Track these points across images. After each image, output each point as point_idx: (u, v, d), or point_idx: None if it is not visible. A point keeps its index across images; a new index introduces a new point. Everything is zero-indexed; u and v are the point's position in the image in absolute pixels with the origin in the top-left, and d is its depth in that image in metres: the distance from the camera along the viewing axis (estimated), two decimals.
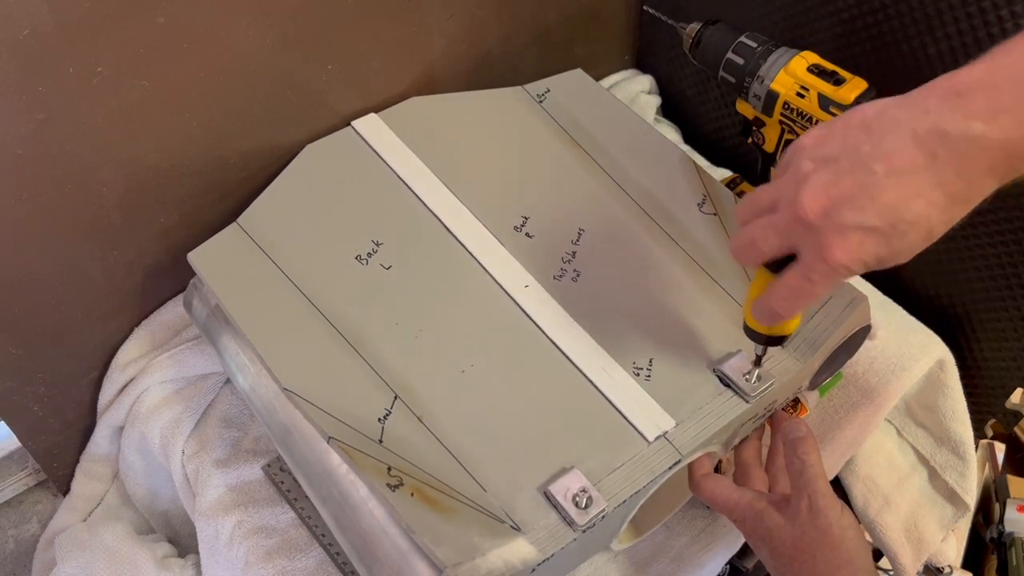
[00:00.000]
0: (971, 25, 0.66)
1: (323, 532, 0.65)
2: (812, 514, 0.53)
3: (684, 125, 0.97)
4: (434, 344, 0.61)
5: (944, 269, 0.79)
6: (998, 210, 0.73)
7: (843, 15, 0.74)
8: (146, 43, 0.58)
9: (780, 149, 0.72)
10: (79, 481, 0.75)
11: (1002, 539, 1.11)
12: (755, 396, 0.58)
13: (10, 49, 0.52)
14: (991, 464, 1.18)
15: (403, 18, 0.73)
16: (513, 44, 0.84)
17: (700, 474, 0.59)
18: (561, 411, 0.58)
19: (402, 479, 0.53)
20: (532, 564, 0.51)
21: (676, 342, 0.62)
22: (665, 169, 0.72)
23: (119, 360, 0.73)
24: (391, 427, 0.56)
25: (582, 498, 0.53)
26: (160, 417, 0.70)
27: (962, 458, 0.79)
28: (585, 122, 0.75)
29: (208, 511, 0.66)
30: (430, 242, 0.66)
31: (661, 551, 0.66)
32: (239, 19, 0.62)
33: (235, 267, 0.63)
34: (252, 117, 0.68)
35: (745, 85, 0.70)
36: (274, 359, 0.59)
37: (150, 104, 0.61)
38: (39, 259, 0.63)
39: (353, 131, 0.73)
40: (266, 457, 0.69)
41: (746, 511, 0.56)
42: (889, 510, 0.78)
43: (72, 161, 0.60)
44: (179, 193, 0.68)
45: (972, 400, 0.79)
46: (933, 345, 0.76)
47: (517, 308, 0.63)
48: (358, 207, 0.68)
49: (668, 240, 0.67)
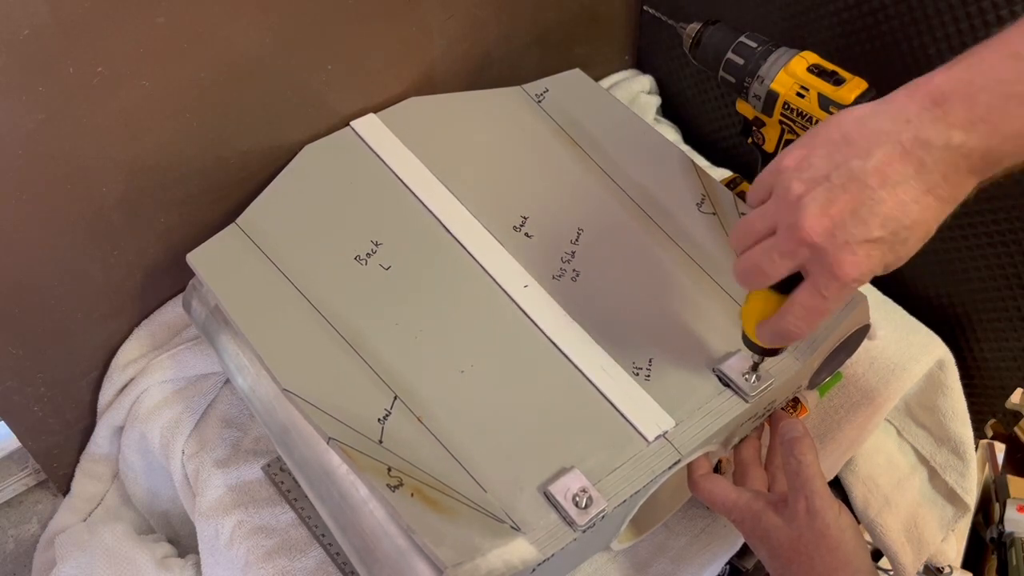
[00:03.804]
0: (971, 25, 0.66)
1: (323, 532, 0.65)
2: (809, 515, 0.53)
3: (684, 125, 0.97)
4: (434, 344, 0.61)
5: (944, 269, 0.79)
6: (998, 210, 0.73)
7: (843, 15, 0.74)
8: (146, 43, 0.58)
9: (780, 149, 0.72)
10: (79, 481, 0.75)
11: (1002, 539, 1.11)
12: (754, 396, 0.58)
13: (10, 49, 0.52)
14: (991, 464, 1.18)
15: (403, 18, 0.73)
16: (513, 44, 0.84)
17: (698, 474, 0.59)
18: (561, 411, 0.58)
19: (402, 479, 0.53)
20: (532, 564, 0.51)
21: (675, 342, 0.62)
22: (664, 169, 0.72)
23: (119, 360, 0.73)
24: (391, 427, 0.56)
25: (582, 498, 0.53)
26: (160, 417, 0.70)
27: (962, 458, 0.79)
28: (584, 122, 0.75)
29: (208, 511, 0.66)
30: (429, 242, 0.66)
31: (661, 551, 0.66)
32: (239, 19, 0.62)
33: (234, 268, 0.63)
34: (252, 117, 0.68)
35: (745, 85, 0.70)
36: (274, 359, 0.59)
37: (150, 104, 0.61)
38: (39, 259, 0.63)
39: (352, 131, 0.73)
40: (266, 457, 0.69)
41: (744, 512, 0.56)
42: (889, 510, 0.78)
43: (72, 161, 0.60)
44: (179, 193, 0.68)
45: (972, 400, 0.79)
46: (933, 345, 0.76)
47: (516, 308, 0.63)
48: (357, 207, 0.68)
49: (667, 240, 0.67)
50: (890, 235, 0.43)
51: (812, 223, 0.43)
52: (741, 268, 0.48)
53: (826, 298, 0.45)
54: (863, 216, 0.43)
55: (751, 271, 0.47)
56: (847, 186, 0.43)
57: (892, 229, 0.43)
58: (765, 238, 0.47)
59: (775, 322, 0.49)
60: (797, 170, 0.45)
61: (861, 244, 0.43)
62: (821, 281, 0.45)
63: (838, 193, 0.43)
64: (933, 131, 0.41)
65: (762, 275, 0.47)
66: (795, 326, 0.48)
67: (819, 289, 0.45)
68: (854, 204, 0.43)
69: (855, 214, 0.43)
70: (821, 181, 0.44)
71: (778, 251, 0.46)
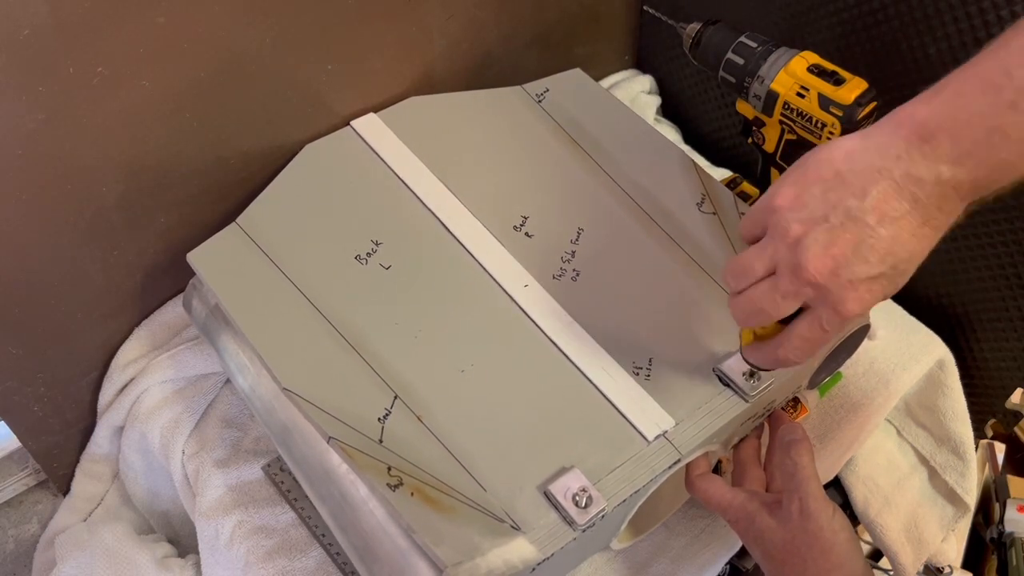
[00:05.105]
0: (971, 25, 0.66)
1: (323, 532, 0.65)
2: (803, 517, 0.53)
3: (684, 125, 0.97)
4: (434, 344, 0.61)
5: (944, 269, 0.79)
6: (998, 210, 0.73)
7: (843, 15, 0.74)
8: (146, 43, 0.58)
9: (780, 149, 0.72)
10: (79, 481, 0.75)
11: (1002, 539, 1.11)
12: (754, 395, 0.58)
13: (10, 49, 0.52)
14: (991, 464, 1.18)
15: (403, 18, 0.73)
16: (513, 44, 0.84)
17: (695, 474, 0.59)
18: (561, 410, 0.58)
19: (402, 479, 0.53)
20: (532, 563, 0.51)
21: (675, 341, 0.62)
22: (664, 168, 0.72)
23: (119, 360, 0.73)
24: (391, 427, 0.56)
25: (582, 497, 0.53)
26: (160, 417, 0.70)
27: (962, 458, 0.79)
28: (584, 122, 0.75)
29: (208, 511, 0.66)
30: (429, 242, 0.66)
31: (661, 551, 0.66)
32: (239, 19, 0.62)
33: (234, 267, 0.63)
34: (252, 117, 0.68)
35: (745, 85, 0.70)
36: (274, 359, 0.59)
37: (150, 104, 0.61)
38: (39, 259, 0.63)
39: (352, 131, 0.73)
40: (266, 457, 0.69)
41: (738, 512, 0.56)
42: (889, 510, 0.78)
43: (72, 161, 0.60)
44: (179, 193, 0.68)
45: (972, 400, 0.79)
46: (933, 345, 0.76)
47: (516, 308, 0.63)
48: (357, 207, 0.68)
49: (667, 239, 0.67)
50: (890, 269, 0.44)
51: (815, 264, 0.44)
52: (741, 309, 0.49)
53: (827, 331, 0.47)
54: (864, 254, 0.44)
55: (754, 312, 0.48)
56: (846, 225, 0.44)
57: (892, 263, 0.44)
58: (764, 278, 0.47)
59: (772, 350, 0.50)
60: (792, 210, 0.45)
61: (863, 281, 0.44)
62: (824, 316, 0.46)
63: (838, 233, 0.44)
64: (924, 167, 0.42)
65: (765, 316, 0.48)
66: (793, 355, 0.49)
67: (821, 323, 0.46)
68: (855, 243, 0.44)
69: (856, 253, 0.44)
70: (820, 222, 0.44)
71: (780, 292, 0.46)
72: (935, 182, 0.42)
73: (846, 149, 0.45)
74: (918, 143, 0.43)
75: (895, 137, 0.43)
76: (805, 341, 0.48)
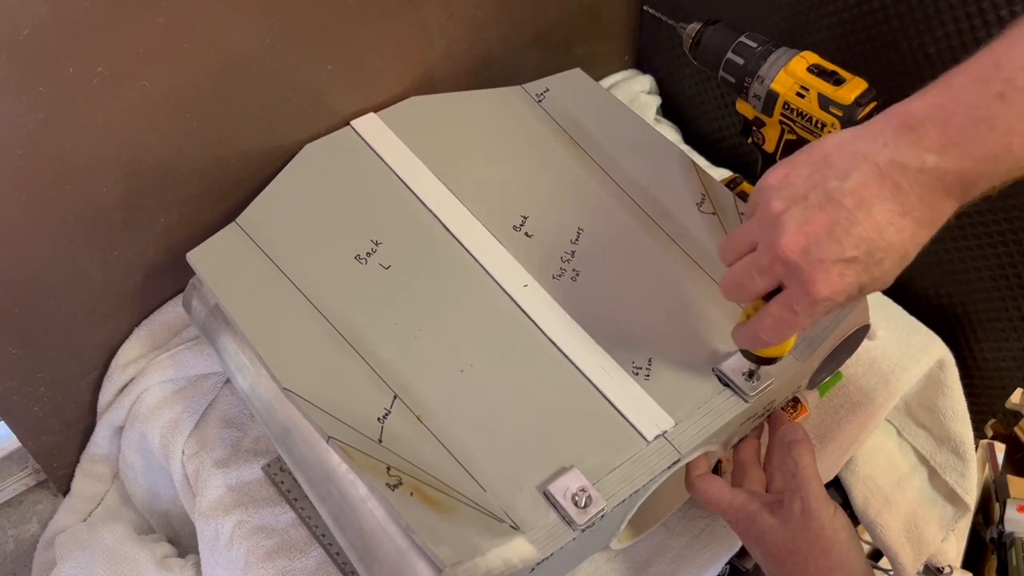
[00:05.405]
0: (971, 25, 0.66)
1: (323, 532, 0.65)
2: (804, 517, 0.53)
3: (684, 125, 0.97)
4: (433, 344, 0.61)
5: (944, 269, 0.79)
6: (998, 210, 0.73)
7: (843, 15, 0.74)
8: (146, 43, 0.58)
9: (780, 149, 0.72)
10: (79, 481, 0.75)
11: (1002, 539, 1.11)
12: (754, 395, 0.58)
13: (10, 49, 0.52)
14: (991, 464, 1.18)
15: (403, 18, 0.73)
16: (513, 44, 0.84)
17: (695, 474, 0.59)
18: (560, 410, 0.58)
19: (401, 479, 0.53)
20: (532, 563, 0.51)
21: (675, 341, 0.62)
22: (664, 168, 0.72)
23: (119, 360, 0.73)
24: (390, 427, 0.56)
25: (581, 497, 0.53)
26: (160, 417, 0.70)
27: (962, 458, 0.79)
28: (584, 121, 0.75)
29: (208, 511, 0.66)
30: (429, 242, 0.66)
31: (661, 551, 0.66)
32: (239, 19, 0.62)
33: (234, 267, 0.63)
34: (252, 117, 0.68)
35: (745, 85, 0.70)
36: (273, 359, 0.59)
37: (150, 104, 0.61)
38: (39, 259, 0.63)
39: (352, 131, 0.73)
40: (266, 457, 0.69)
41: (739, 512, 0.56)
42: (889, 510, 0.78)
43: (72, 161, 0.60)
44: (179, 193, 0.68)
45: (972, 400, 0.79)
46: (933, 345, 0.76)
47: (516, 308, 0.63)
48: (357, 207, 0.68)
49: (667, 239, 0.67)
50: (864, 255, 0.44)
51: (788, 240, 0.45)
52: (725, 283, 0.50)
53: (796, 313, 0.47)
54: (838, 235, 0.44)
55: (733, 286, 0.49)
56: (823, 205, 0.44)
57: (866, 249, 0.44)
58: (748, 253, 0.48)
59: (749, 326, 0.51)
60: (778, 188, 0.46)
61: (835, 263, 0.44)
62: (794, 296, 0.46)
63: (814, 212, 0.44)
64: (908, 154, 0.43)
65: (743, 290, 0.49)
66: (765, 334, 0.50)
67: (791, 303, 0.47)
68: (829, 223, 0.44)
69: (830, 233, 0.44)
70: (799, 200, 0.45)
71: (756, 267, 0.47)
72: (919, 170, 0.42)
73: (841, 137, 0.46)
74: (905, 131, 0.43)
75: (884, 127, 0.44)
76: (776, 321, 0.48)
